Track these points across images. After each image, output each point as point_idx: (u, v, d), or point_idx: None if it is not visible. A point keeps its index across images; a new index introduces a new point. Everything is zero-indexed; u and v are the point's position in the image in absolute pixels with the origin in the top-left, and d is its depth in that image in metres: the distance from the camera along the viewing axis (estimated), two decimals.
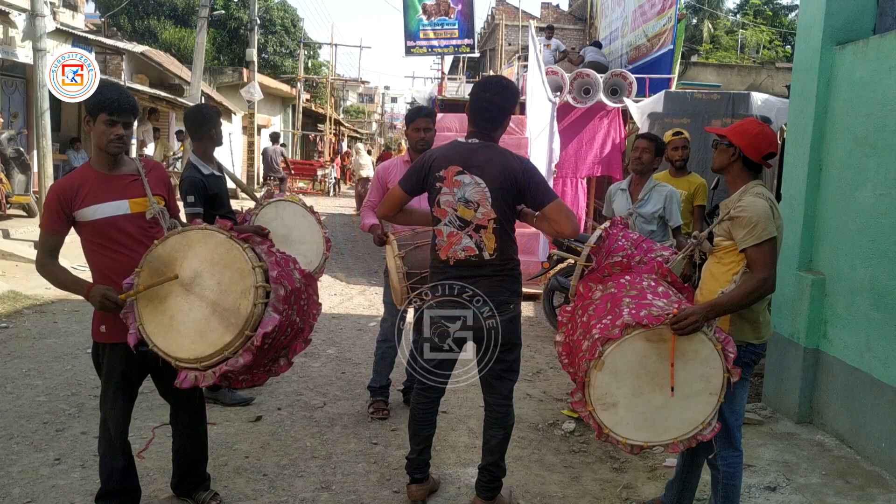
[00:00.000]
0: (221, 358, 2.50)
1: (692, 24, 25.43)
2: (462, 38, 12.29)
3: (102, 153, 2.72)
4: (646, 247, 3.04)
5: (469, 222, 2.89)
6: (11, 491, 3.16)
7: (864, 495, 3.44)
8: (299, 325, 2.82)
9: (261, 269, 2.55)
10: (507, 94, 2.96)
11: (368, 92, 65.54)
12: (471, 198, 2.86)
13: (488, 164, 2.86)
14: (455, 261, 2.92)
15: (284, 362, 2.84)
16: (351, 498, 3.27)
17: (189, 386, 2.52)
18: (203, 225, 2.70)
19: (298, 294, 2.79)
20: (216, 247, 2.60)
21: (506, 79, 3.15)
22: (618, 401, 2.53)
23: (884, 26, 4.13)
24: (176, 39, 25.93)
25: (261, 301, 2.51)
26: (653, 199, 4.13)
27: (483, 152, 2.89)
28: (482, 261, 2.90)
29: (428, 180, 2.94)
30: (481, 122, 2.94)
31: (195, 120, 4.10)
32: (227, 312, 2.51)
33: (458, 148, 2.93)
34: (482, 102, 2.93)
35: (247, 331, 2.48)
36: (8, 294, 6.70)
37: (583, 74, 9.14)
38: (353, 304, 7.44)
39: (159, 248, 2.63)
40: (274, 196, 4.33)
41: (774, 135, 2.78)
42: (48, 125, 8.89)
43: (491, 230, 2.88)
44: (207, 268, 2.58)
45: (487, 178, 2.84)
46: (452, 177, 2.88)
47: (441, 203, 2.91)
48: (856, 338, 3.92)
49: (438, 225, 2.95)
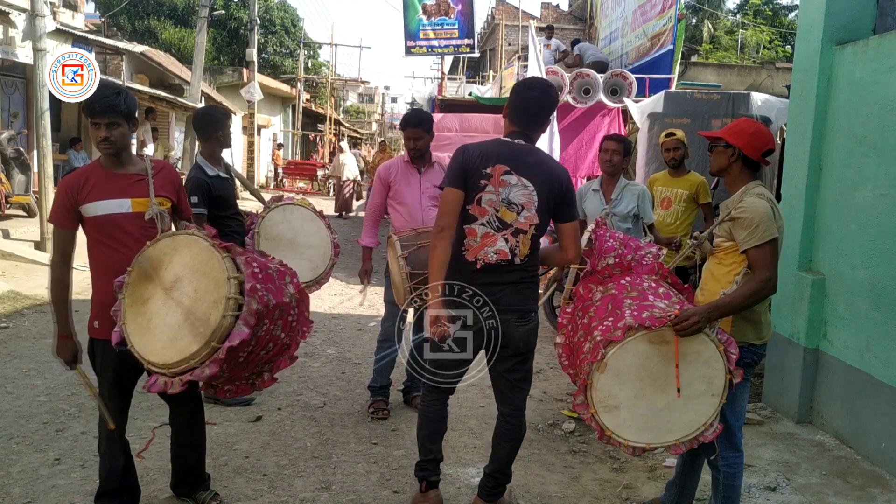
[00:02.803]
0: (188, 367, 2.46)
1: (692, 24, 25.41)
2: (462, 38, 12.30)
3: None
4: (633, 245, 3.07)
5: (509, 225, 2.79)
6: (11, 491, 3.16)
7: (864, 495, 3.44)
8: (285, 342, 2.77)
9: (236, 281, 2.47)
10: (551, 94, 2.91)
11: (368, 92, 65.53)
12: (515, 200, 2.77)
13: (538, 168, 2.79)
14: (484, 264, 2.80)
15: (268, 377, 2.82)
16: (351, 498, 3.27)
17: (158, 391, 2.51)
18: (192, 230, 2.66)
19: (286, 309, 2.71)
20: (198, 253, 2.56)
21: (547, 80, 3.14)
22: (620, 403, 2.53)
23: (884, 26, 4.13)
24: (176, 39, 25.92)
25: (231, 313, 2.43)
26: (625, 198, 4.21)
27: (532, 155, 2.82)
28: (512, 266, 2.81)
29: (471, 176, 2.79)
30: (527, 121, 2.85)
31: (203, 121, 4.11)
32: (197, 321, 2.46)
33: (505, 147, 2.83)
34: (530, 102, 2.84)
35: (213, 342, 2.42)
36: (8, 294, 6.70)
37: (583, 74, 9.15)
38: (353, 304, 7.43)
39: (150, 250, 2.61)
40: (282, 199, 4.32)
41: (770, 132, 2.78)
42: (48, 125, 8.88)
43: (529, 236, 2.80)
44: (188, 274, 2.54)
45: (536, 181, 2.77)
46: (500, 176, 2.77)
47: (482, 201, 2.78)
48: (856, 338, 3.92)
49: (473, 224, 2.81)
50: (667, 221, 4.83)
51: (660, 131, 5.54)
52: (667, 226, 4.81)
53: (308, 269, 4.20)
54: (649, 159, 7.10)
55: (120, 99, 2.67)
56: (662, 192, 4.90)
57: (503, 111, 2.95)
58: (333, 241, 4.35)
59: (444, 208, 2.81)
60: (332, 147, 29.77)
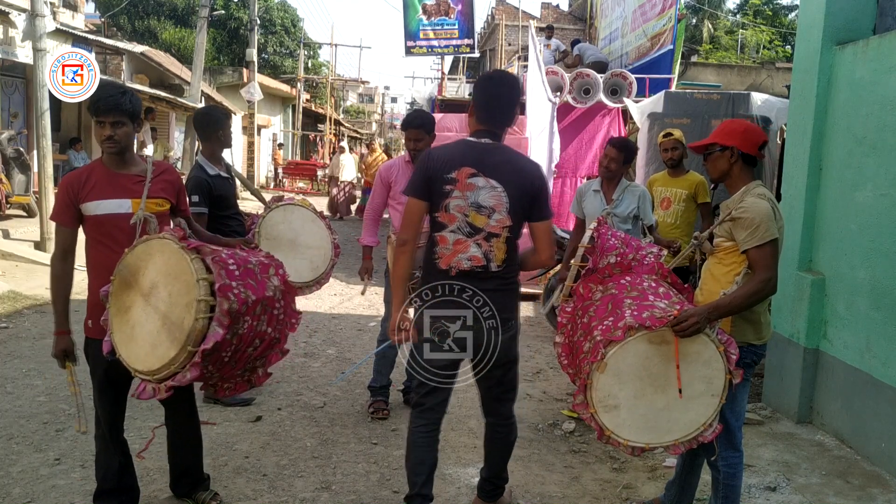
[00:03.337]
0: (169, 372, 2.45)
1: (692, 24, 25.42)
2: (462, 38, 12.31)
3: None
4: (634, 244, 3.07)
5: (480, 229, 2.66)
6: (11, 491, 3.16)
7: (864, 495, 3.44)
8: (273, 336, 2.75)
9: (205, 282, 2.43)
10: (517, 88, 2.81)
11: (368, 92, 65.52)
12: (485, 203, 2.64)
13: (506, 167, 2.65)
14: (458, 271, 2.69)
15: (262, 372, 2.82)
16: (351, 498, 3.27)
17: (148, 397, 2.50)
18: (163, 234, 2.61)
19: (270, 303, 2.68)
20: (170, 257, 2.52)
21: (510, 73, 3.08)
22: (620, 403, 2.53)
23: (884, 26, 4.13)
24: (176, 39, 25.94)
25: (203, 315, 2.39)
26: (626, 199, 4.23)
27: (498, 153, 2.68)
28: (488, 273, 2.69)
29: (436, 182, 2.67)
30: (494, 119, 2.73)
31: (204, 121, 4.13)
32: (173, 326, 2.44)
33: (470, 148, 2.70)
34: (497, 98, 2.72)
35: (189, 346, 2.40)
36: (8, 294, 6.70)
37: (583, 74, 9.15)
38: (353, 304, 7.44)
39: (128, 257, 2.59)
40: (283, 200, 4.33)
41: (758, 125, 2.78)
42: (48, 125, 8.88)
43: (503, 239, 2.67)
44: (162, 278, 2.52)
45: (505, 182, 2.63)
46: (465, 179, 2.64)
47: (450, 208, 2.66)
48: (856, 338, 3.92)
49: (443, 231, 2.69)
50: (667, 221, 4.83)
51: (660, 131, 5.54)
52: (667, 226, 4.80)
53: (308, 269, 4.23)
54: (649, 159, 7.10)
55: (125, 98, 2.67)
56: (662, 192, 4.90)
57: (468, 110, 2.83)
58: (334, 241, 4.36)
59: (406, 220, 2.72)
60: (333, 147, 29.82)
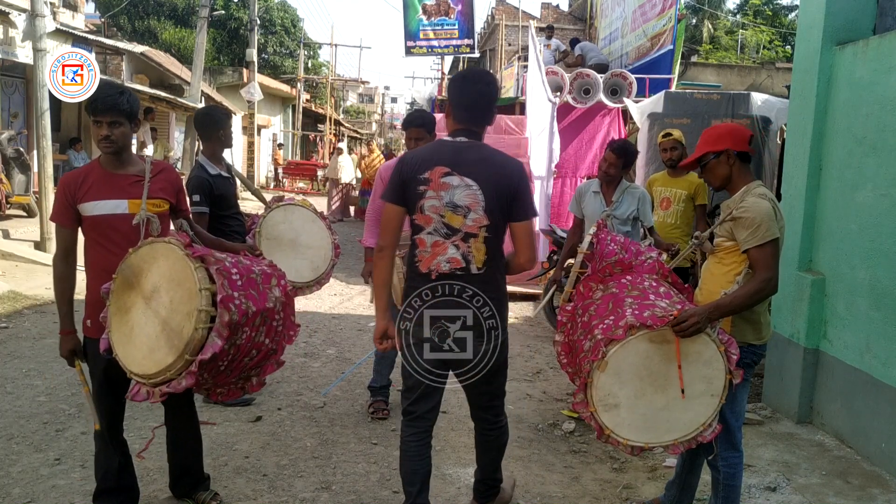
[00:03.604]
0: (164, 378, 2.45)
1: (692, 24, 25.42)
2: (462, 39, 12.31)
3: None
4: (634, 249, 3.07)
5: (457, 230, 2.58)
6: (11, 491, 3.16)
7: (864, 495, 3.44)
8: (270, 347, 2.75)
9: (207, 292, 2.43)
10: (495, 85, 2.74)
11: (368, 92, 65.54)
12: (460, 202, 2.56)
13: (481, 165, 2.58)
14: (438, 274, 2.62)
15: (256, 381, 2.83)
16: (351, 498, 3.27)
17: (142, 399, 2.50)
18: (169, 238, 2.61)
19: (270, 315, 2.68)
20: (174, 263, 2.52)
21: (487, 71, 2.98)
22: (620, 402, 2.53)
23: (884, 26, 4.13)
24: (176, 39, 25.94)
25: (202, 325, 2.40)
26: (626, 201, 4.23)
27: (474, 151, 2.61)
28: (469, 275, 2.61)
29: (410, 185, 2.60)
30: (473, 117, 2.66)
31: (204, 121, 4.13)
32: (172, 333, 2.45)
33: (444, 147, 2.64)
34: (476, 96, 2.66)
35: (187, 355, 2.41)
36: (8, 294, 6.70)
37: (583, 74, 9.15)
38: (353, 304, 7.44)
39: (132, 257, 2.59)
40: (283, 200, 4.34)
41: (738, 124, 2.79)
42: (48, 125, 8.89)
43: (482, 239, 2.58)
44: (165, 283, 2.52)
45: (480, 179, 2.55)
46: (439, 179, 2.57)
47: (425, 209, 2.59)
48: (856, 338, 3.92)
49: (420, 234, 2.63)
50: (667, 222, 4.83)
51: (659, 131, 5.54)
52: (667, 226, 4.80)
53: (309, 270, 4.25)
54: (649, 159, 7.10)
55: (123, 98, 2.67)
56: (662, 192, 4.90)
57: (445, 109, 2.77)
58: (334, 241, 4.37)
59: (384, 226, 2.69)
60: (332, 147, 29.83)
